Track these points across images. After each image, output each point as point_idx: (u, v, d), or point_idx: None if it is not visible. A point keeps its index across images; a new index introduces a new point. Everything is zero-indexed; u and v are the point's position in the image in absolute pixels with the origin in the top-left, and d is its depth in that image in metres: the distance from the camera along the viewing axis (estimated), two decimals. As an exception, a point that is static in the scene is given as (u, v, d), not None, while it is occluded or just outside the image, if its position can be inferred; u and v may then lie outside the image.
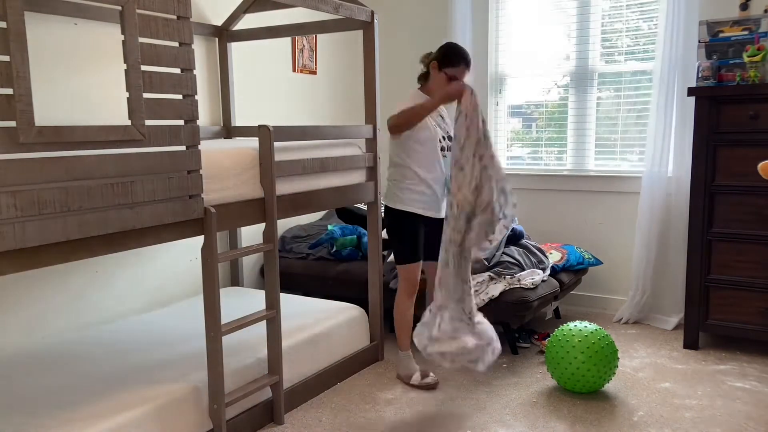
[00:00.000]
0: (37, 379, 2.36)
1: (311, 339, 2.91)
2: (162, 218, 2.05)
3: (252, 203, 2.50)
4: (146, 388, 2.27)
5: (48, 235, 1.74)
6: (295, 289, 3.84)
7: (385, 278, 3.46)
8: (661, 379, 3.02)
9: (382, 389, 2.96)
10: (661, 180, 3.73)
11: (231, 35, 3.59)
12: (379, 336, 3.29)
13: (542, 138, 4.32)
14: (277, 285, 2.57)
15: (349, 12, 2.97)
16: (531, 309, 3.21)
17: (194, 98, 2.14)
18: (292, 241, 4.01)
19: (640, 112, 3.96)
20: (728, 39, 3.27)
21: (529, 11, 4.23)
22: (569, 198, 4.19)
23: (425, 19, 4.55)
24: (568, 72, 4.14)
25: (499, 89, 4.39)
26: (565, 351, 2.79)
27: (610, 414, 2.69)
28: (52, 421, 2.00)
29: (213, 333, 2.27)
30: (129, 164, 1.94)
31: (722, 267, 3.28)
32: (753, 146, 3.14)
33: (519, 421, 2.63)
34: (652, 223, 3.77)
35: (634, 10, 3.91)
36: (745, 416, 2.64)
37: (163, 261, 3.35)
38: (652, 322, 3.84)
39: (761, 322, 3.20)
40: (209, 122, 3.61)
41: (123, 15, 1.88)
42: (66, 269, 2.89)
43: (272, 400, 2.63)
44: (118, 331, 2.90)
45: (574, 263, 3.71)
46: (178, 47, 2.07)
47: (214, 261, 2.25)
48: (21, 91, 1.65)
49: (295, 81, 4.19)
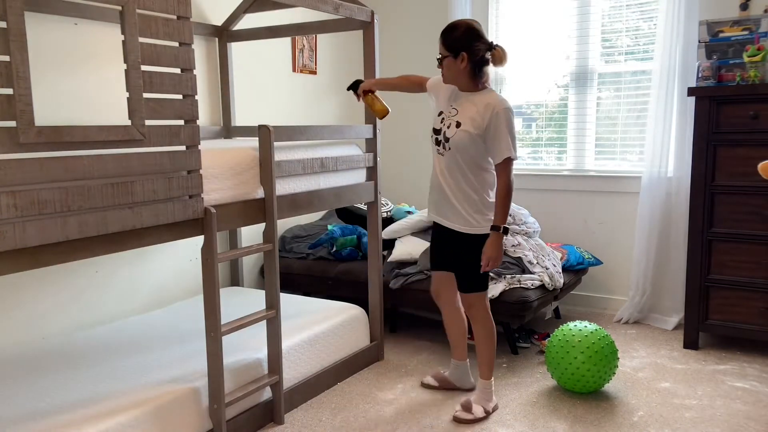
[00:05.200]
0: (36, 379, 2.35)
1: (311, 339, 2.91)
2: (162, 218, 2.05)
3: (252, 203, 2.50)
4: (146, 388, 2.27)
5: (48, 235, 1.74)
6: (295, 289, 3.84)
7: (385, 278, 3.46)
8: (661, 379, 3.02)
9: (382, 389, 2.96)
10: (661, 180, 3.73)
11: (231, 35, 3.59)
12: (379, 336, 3.29)
13: (542, 138, 4.32)
14: (277, 285, 2.57)
15: (349, 12, 2.97)
16: (531, 309, 3.21)
17: (194, 98, 2.14)
18: (292, 241, 4.01)
19: (640, 112, 3.96)
20: (728, 39, 3.27)
21: (529, 11, 4.23)
22: (569, 198, 4.19)
23: (425, 19, 4.55)
24: (568, 72, 4.14)
25: (499, 89, 4.39)
26: (565, 351, 2.79)
27: (610, 414, 2.69)
28: (51, 421, 2.00)
29: (213, 333, 2.27)
30: (129, 164, 1.94)
31: (722, 267, 3.28)
32: (753, 146, 3.14)
33: (519, 421, 2.63)
34: (652, 223, 3.77)
35: (633, 10, 3.91)
36: (745, 416, 2.64)
37: (163, 261, 3.35)
38: (652, 322, 3.84)
39: (761, 322, 3.20)
40: (209, 122, 3.61)
41: (123, 15, 1.88)
42: (66, 269, 2.89)
43: (272, 400, 2.63)
44: (118, 331, 2.90)
45: (574, 263, 3.70)
46: (178, 47, 2.07)
47: (214, 261, 2.25)
48: (21, 91, 1.64)
49: (295, 81, 4.19)
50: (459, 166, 2.56)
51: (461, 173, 2.56)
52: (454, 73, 2.54)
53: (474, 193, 2.56)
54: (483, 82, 2.57)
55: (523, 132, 4.40)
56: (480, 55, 2.50)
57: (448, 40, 2.51)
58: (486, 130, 2.49)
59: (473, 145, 2.51)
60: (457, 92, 2.61)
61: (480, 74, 2.54)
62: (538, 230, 3.70)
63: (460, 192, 2.58)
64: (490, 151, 2.52)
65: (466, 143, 2.51)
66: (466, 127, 2.51)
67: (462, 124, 2.52)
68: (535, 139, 4.35)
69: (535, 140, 4.35)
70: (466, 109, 2.53)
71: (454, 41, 2.49)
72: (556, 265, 3.52)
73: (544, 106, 4.29)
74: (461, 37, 2.48)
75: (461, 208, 2.58)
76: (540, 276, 3.34)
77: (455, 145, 2.53)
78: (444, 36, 2.53)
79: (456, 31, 2.50)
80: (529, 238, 3.60)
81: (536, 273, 3.35)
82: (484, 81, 2.58)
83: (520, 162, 4.42)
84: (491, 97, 2.52)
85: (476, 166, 2.55)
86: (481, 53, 2.50)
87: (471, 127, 2.50)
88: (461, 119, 2.53)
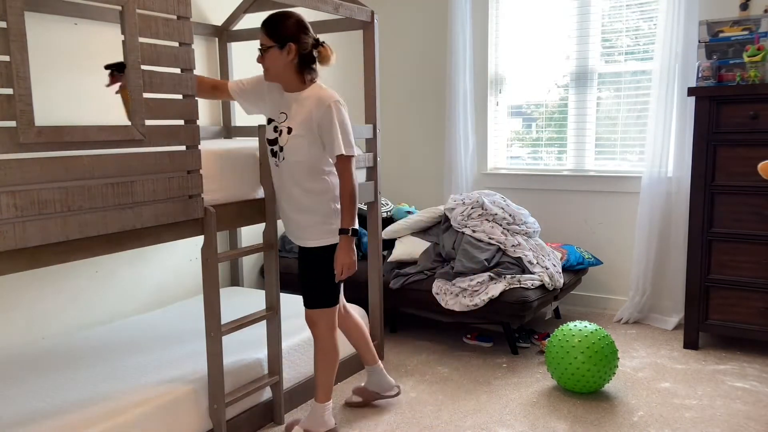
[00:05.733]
0: (36, 379, 2.35)
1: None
2: (162, 218, 2.05)
3: (252, 203, 2.50)
4: (146, 388, 2.27)
5: (48, 235, 1.74)
6: (295, 289, 3.83)
7: (385, 278, 3.46)
8: (661, 379, 3.02)
9: (382, 389, 2.96)
10: (661, 180, 3.73)
11: (231, 35, 3.59)
12: (379, 336, 3.29)
13: (542, 138, 4.32)
14: (277, 285, 2.57)
15: (349, 12, 2.97)
16: (531, 309, 3.21)
17: (194, 98, 2.14)
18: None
19: (640, 112, 3.96)
20: (728, 39, 3.27)
21: (529, 11, 4.22)
22: (569, 198, 4.19)
23: (425, 19, 4.55)
24: (568, 72, 4.14)
25: (499, 89, 4.39)
26: (565, 351, 2.79)
27: (610, 414, 2.69)
28: (51, 421, 2.00)
29: (213, 333, 2.27)
30: (129, 164, 1.94)
31: (722, 267, 3.28)
32: (753, 146, 3.14)
33: (519, 421, 2.63)
34: (652, 223, 3.77)
35: (634, 10, 3.91)
36: (745, 416, 2.64)
37: (163, 261, 3.35)
38: (652, 322, 3.84)
39: (761, 322, 3.20)
40: (209, 122, 3.61)
41: (123, 15, 1.88)
42: (66, 269, 2.89)
43: (272, 400, 2.63)
44: (118, 331, 2.90)
45: (574, 263, 3.70)
46: (178, 47, 2.07)
47: (214, 261, 2.25)
48: (21, 91, 1.64)
49: (295, 81, 4.18)
50: (294, 177, 2.35)
51: (297, 184, 2.35)
52: (279, 66, 2.30)
53: (314, 203, 2.37)
54: (310, 79, 2.36)
55: (523, 132, 4.40)
56: (308, 50, 2.31)
57: (274, 29, 2.27)
58: (319, 128, 2.29)
59: (311, 148, 2.31)
60: (282, 96, 2.39)
61: (307, 70, 2.34)
62: (538, 230, 3.70)
63: (298, 204, 2.38)
64: (326, 151, 2.33)
65: (301, 148, 2.31)
66: (298, 131, 2.30)
67: (293, 129, 2.31)
68: (535, 139, 4.35)
69: (535, 140, 4.35)
70: (295, 111, 2.33)
71: (281, 30, 2.26)
72: (556, 265, 3.52)
73: (544, 106, 4.29)
74: (290, 26, 2.27)
75: (302, 220, 2.40)
76: (540, 276, 3.34)
77: (290, 153, 2.32)
78: (268, 25, 2.29)
79: (284, 20, 2.28)
80: (529, 238, 3.60)
81: (536, 273, 3.35)
82: (312, 78, 2.37)
83: (520, 162, 4.42)
84: (319, 92, 2.32)
85: (316, 172, 2.35)
86: (309, 48, 2.31)
87: (303, 129, 2.30)
88: (291, 124, 2.32)
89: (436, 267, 3.51)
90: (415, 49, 4.62)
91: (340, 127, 2.30)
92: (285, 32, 2.27)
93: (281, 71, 2.32)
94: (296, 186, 2.37)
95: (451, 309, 3.28)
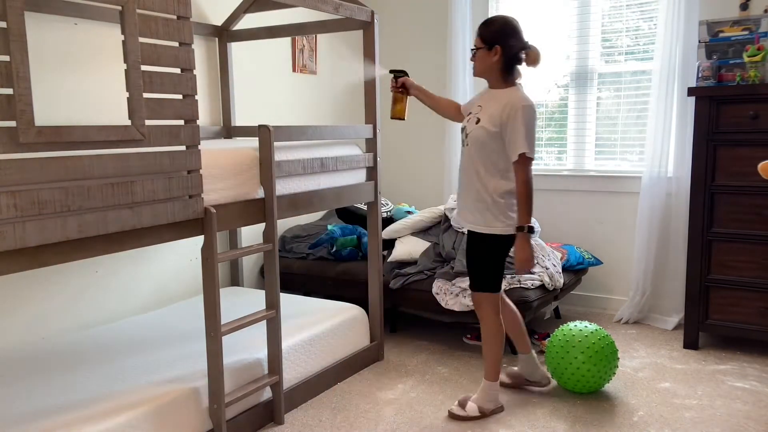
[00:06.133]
0: (36, 379, 2.35)
1: (311, 339, 2.91)
2: (162, 218, 2.05)
3: (252, 203, 2.50)
4: (146, 388, 2.27)
5: (48, 235, 1.74)
6: (295, 289, 3.84)
7: (385, 278, 3.46)
8: (661, 379, 3.02)
9: (382, 389, 2.96)
10: (661, 180, 3.73)
11: (231, 35, 3.59)
12: (379, 336, 3.29)
13: (542, 138, 4.32)
14: (277, 285, 2.57)
15: (349, 12, 2.97)
16: (531, 309, 3.21)
17: (194, 98, 2.14)
18: (292, 241, 4.01)
19: (640, 112, 3.96)
20: (728, 39, 3.27)
21: (529, 11, 4.22)
22: (569, 198, 4.19)
23: (425, 19, 4.55)
24: (568, 72, 4.14)
25: (499, 89, 4.39)
26: (565, 351, 2.79)
27: (610, 414, 2.69)
28: (52, 421, 2.00)
29: (213, 333, 2.27)
30: (129, 164, 1.94)
31: (722, 267, 3.28)
32: (753, 146, 3.14)
33: (519, 421, 2.63)
34: (652, 223, 3.77)
35: (634, 10, 3.91)
36: (745, 416, 2.64)
37: (163, 261, 3.35)
38: (652, 322, 3.84)
39: (761, 322, 3.20)
40: (209, 122, 3.61)
41: (123, 15, 1.88)
42: (66, 269, 2.89)
43: (272, 400, 2.63)
44: (118, 331, 2.90)
45: (574, 263, 3.70)
46: (178, 47, 2.07)
47: (214, 261, 2.25)
48: (21, 91, 1.64)
49: (295, 81, 4.19)
50: (474, 163, 2.56)
51: (475, 170, 2.56)
52: (485, 65, 2.55)
53: (485, 192, 2.54)
54: (512, 80, 2.57)
55: (523, 132, 4.39)
56: (513, 52, 2.52)
57: (485, 32, 2.53)
58: (503, 127, 2.48)
59: (491, 142, 2.50)
60: (486, 91, 2.63)
61: (510, 71, 2.55)
62: (538, 230, 3.70)
63: (473, 188, 2.58)
64: (507, 149, 2.51)
65: (483, 139, 2.51)
66: (484, 123, 2.51)
67: (481, 120, 2.53)
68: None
69: (536, 140, 4.34)
70: (489, 106, 2.54)
71: (489, 34, 2.51)
72: (556, 265, 3.52)
73: (544, 106, 4.29)
74: (497, 30, 2.51)
75: (472, 205, 2.59)
76: (540, 276, 3.34)
77: (473, 141, 2.55)
78: (481, 28, 2.55)
79: (493, 24, 2.53)
80: (530, 238, 3.60)
81: (536, 273, 3.35)
82: (513, 79, 2.57)
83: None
84: (514, 95, 2.51)
85: (493, 166, 2.53)
86: (514, 50, 2.52)
87: (489, 123, 2.50)
88: (482, 116, 2.54)
89: (436, 267, 3.51)
90: (415, 49, 4.62)
91: (525, 128, 2.46)
92: (492, 36, 2.51)
93: (487, 70, 2.56)
94: (474, 171, 2.56)
95: (451, 309, 3.28)
